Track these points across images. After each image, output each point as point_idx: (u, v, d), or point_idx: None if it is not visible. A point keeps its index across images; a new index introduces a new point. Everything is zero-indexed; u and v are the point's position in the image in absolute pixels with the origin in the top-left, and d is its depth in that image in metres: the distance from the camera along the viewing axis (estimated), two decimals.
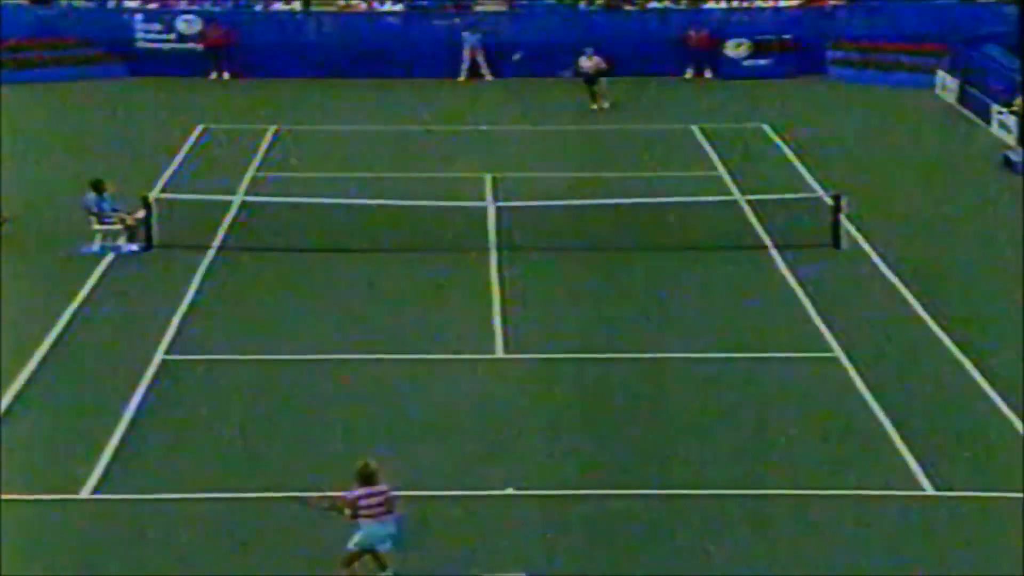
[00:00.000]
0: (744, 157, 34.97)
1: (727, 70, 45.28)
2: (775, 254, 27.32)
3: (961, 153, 36.13)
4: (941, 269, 26.87)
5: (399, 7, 47.56)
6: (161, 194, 30.00)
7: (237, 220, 29.11)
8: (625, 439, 19.84)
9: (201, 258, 27.00)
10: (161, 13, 46.48)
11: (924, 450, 19.19)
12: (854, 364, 22.09)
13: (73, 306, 24.62)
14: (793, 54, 45.47)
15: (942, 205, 31.13)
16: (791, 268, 26.49)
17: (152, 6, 46.98)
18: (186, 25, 45.86)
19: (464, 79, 45.29)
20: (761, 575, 16.41)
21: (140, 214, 27.74)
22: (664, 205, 29.42)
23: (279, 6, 47.58)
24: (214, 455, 19.37)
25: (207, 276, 26.25)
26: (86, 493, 18.16)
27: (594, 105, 40.37)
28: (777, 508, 17.92)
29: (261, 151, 35.66)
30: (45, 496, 18.10)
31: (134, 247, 27.54)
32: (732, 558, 16.71)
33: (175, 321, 23.91)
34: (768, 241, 28.01)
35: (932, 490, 18.27)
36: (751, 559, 16.70)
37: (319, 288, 25.82)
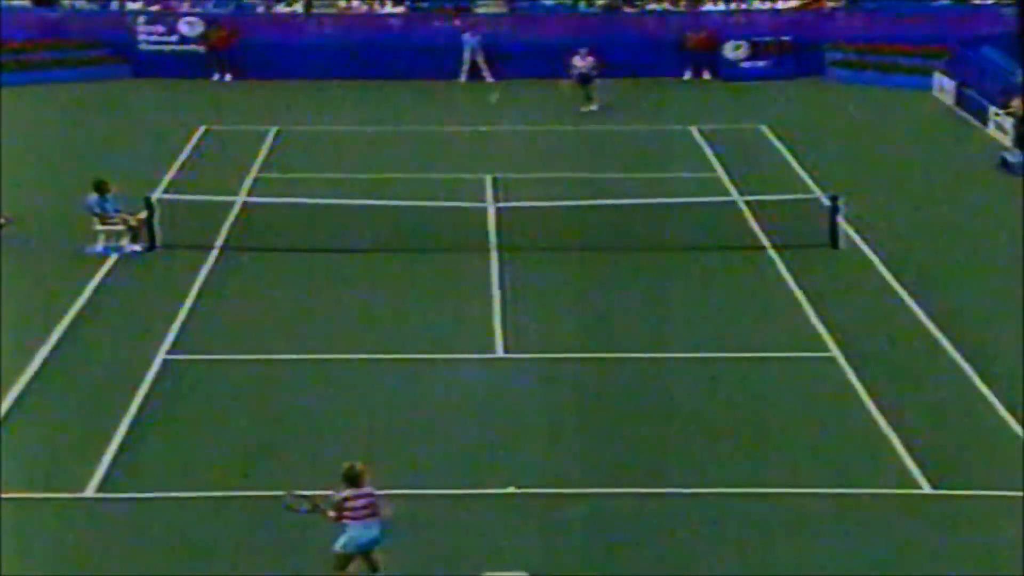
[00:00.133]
0: (742, 158, 34.95)
1: (726, 72, 45.25)
2: (773, 255, 27.32)
3: (958, 155, 36.10)
4: (938, 270, 26.88)
5: (400, 9, 47.57)
6: (163, 195, 29.99)
7: (239, 221, 29.10)
8: (624, 438, 19.86)
9: (203, 258, 27.00)
10: (164, 15, 46.49)
11: (921, 449, 19.20)
12: (851, 364, 22.10)
13: (76, 306, 24.63)
14: (791, 56, 45.42)
15: (939, 206, 31.13)
16: (789, 268, 26.49)
17: (155, 8, 47.01)
18: (189, 27, 45.87)
19: (464, 81, 45.32)
20: (759, 573, 16.43)
21: (143, 215, 27.75)
22: (663, 206, 29.42)
23: (281, 8, 47.59)
24: (216, 454, 19.38)
25: (209, 276, 26.26)
26: (90, 492, 18.18)
27: (592, 107, 40.32)
28: (775, 507, 17.92)
29: (263, 152, 35.66)
30: (49, 495, 18.12)
31: (137, 247, 27.55)
32: (730, 556, 16.74)
33: (177, 321, 23.93)
34: (766, 242, 28.01)
35: (929, 489, 18.28)
36: (749, 557, 16.72)
37: (321, 288, 25.82)
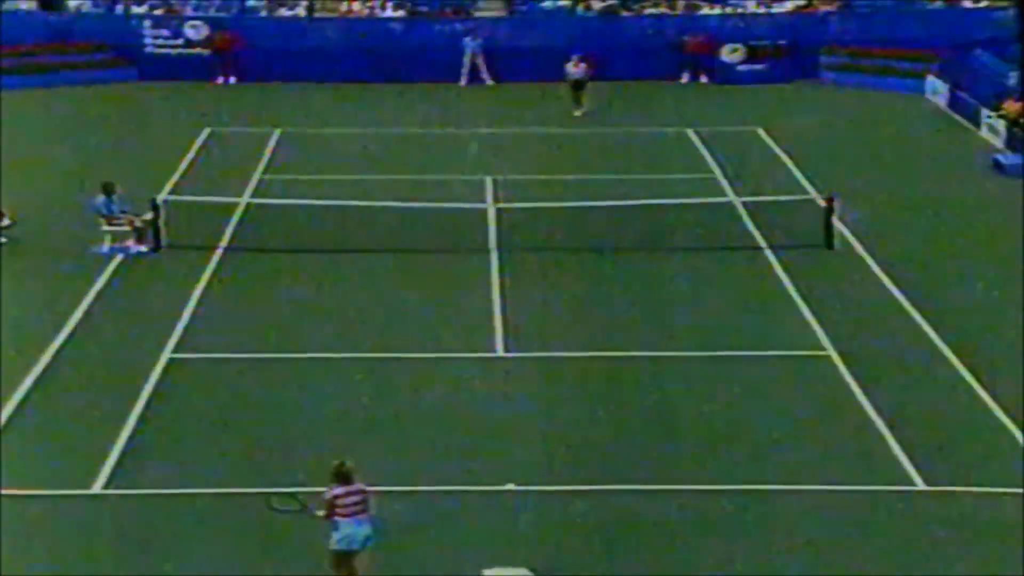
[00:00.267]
0: (739, 160, 34.97)
1: (722, 75, 45.27)
2: (769, 254, 27.34)
3: (951, 156, 36.12)
4: (931, 269, 26.89)
5: (401, 13, 47.58)
6: (169, 196, 30.03)
7: (243, 221, 29.13)
8: (623, 436, 19.86)
9: (208, 259, 27.01)
10: (169, 19, 46.51)
11: (915, 446, 19.20)
12: (846, 362, 22.11)
13: (83, 306, 24.65)
14: (787, 59, 45.45)
15: (932, 207, 31.13)
16: (785, 268, 26.50)
17: (160, 12, 47.03)
18: (194, 31, 45.89)
19: (464, 83, 45.33)
20: (756, 569, 16.44)
21: (148, 216, 27.78)
22: (660, 207, 29.42)
23: (284, 12, 47.60)
24: (220, 451, 19.38)
25: (213, 277, 26.27)
26: (97, 488, 18.20)
27: (576, 112, 40.19)
28: (771, 503, 17.94)
29: (266, 154, 35.68)
30: (57, 491, 18.14)
31: (142, 248, 27.56)
32: (727, 552, 16.73)
33: (182, 320, 23.94)
34: (762, 242, 28.03)
35: (923, 485, 18.28)
36: (746, 553, 16.72)
37: (323, 288, 25.83)
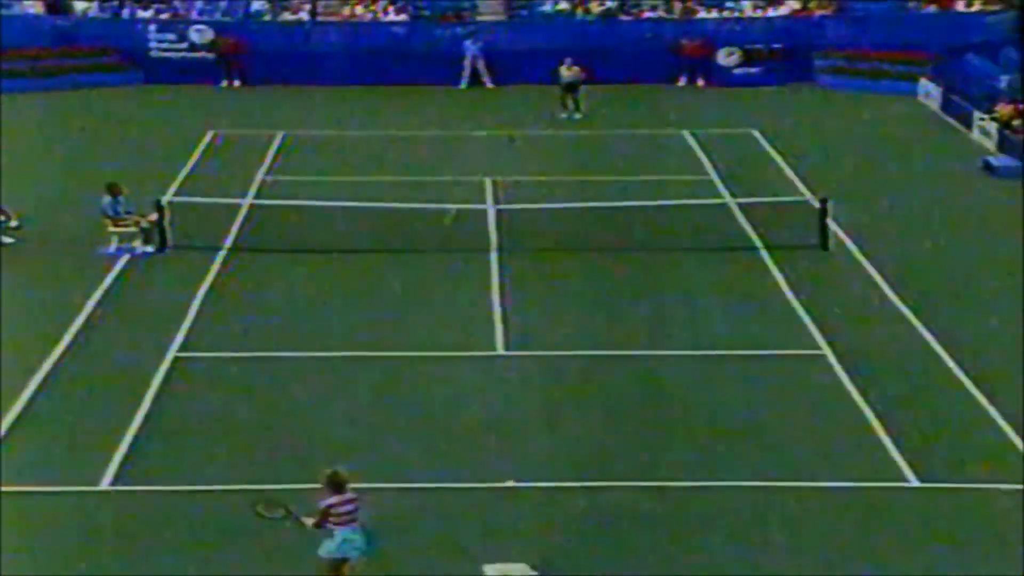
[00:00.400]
0: (735, 162, 34.97)
1: (719, 78, 45.30)
2: (765, 255, 27.34)
3: (943, 158, 36.12)
4: (924, 269, 26.89)
5: (403, 17, 47.58)
6: (174, 197, 30.02)
7: (247, 222, 29.13)
8: (622, 433, 19.86)
9: (212, 259, 27.02)
10: (174, 23, 46.52)
11: (908, 443, 19.22)
12: (840, 361, 22.11)
13: (89, 305, 24.65)
14: (783, 63, 45.48)
15: (925, 208, 31.14)
16: (780, 269, 26.51)
17: (166, 16, 47.03)
18: (198, 35, 45.90)
19: (465, 86, 45.33)
20: (752, 564, 16.44)
21: (154, 216, 27.77)
22: (658, 208, 29.42)
23: (287, 16, 47.61)
24: (225, 448, 19.38)
25: (218, 276, 26.27)
26: (104, 484, 18.20)
27: (564, 114, 40.05)
28: (767, 499, 17.92)
29: (270, 155, 35.68)
30: (65, 488, 18.15)
31: (148, 248, 27.56)
32: (724, 547, 16.74)
33: (187, 320, 23.94)
34: (758, 242, 28.03)
35: (916, 481, 18.30)
36: (742, 548, 16.73)
37: (326, 288, 25.83)
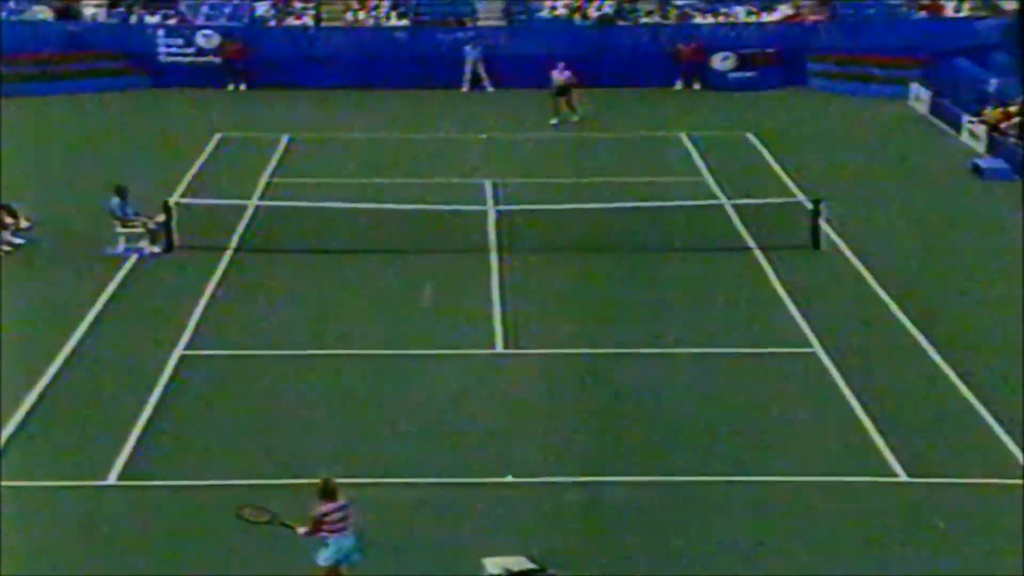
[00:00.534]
0: (729, 164, 34.97)
1: (714, 82, 45.26)
2: (758, 255, 27.36)
3: (932, 161, 36.09)
4: (913, 269, 26.90)
5: (405, 22, 47.58)
6: (181, 199, 30.04)
7: (252, 223, 29.15)
8: (619, 429, 19.89)
9: (218, 259, 27.04)
10: (181, 28, 46.53)
11: (897, 438, 19.25)
12: (831, 358, 22.14)
13: (98, 304, 24.68)
14: (776, 67, 45.41)
15: (915, 209, 31.16)
16: (773, 268, 26.54)
17: (173, 22, 47.05)
18: (205, 40, 45.89)
19: (466, 90, 45.34)
20: (743, 556, 16.48)
21: (161, 218, 27.79)
22: (654, 209, 29.43)
23: (292, 22, 47.62)
24: (229, 444, 19.44)
25: (224, 276, 26.29)
26: (112, 479, 18.25)
27: (554, 120, 39.92)
28: (759, 493, 17.98)
29: (275, 158, 35.69)
30: (74, 483, 18.21)
31: (155, 249, 27.58)
32: (716, 540, 16.80)
33: (193, 318, 23.97)
34: (751, 243, 28.04)
35: (905, 476, 18.34)
36: (734, 542, 16.77)
37: (329, 287, 25.85)
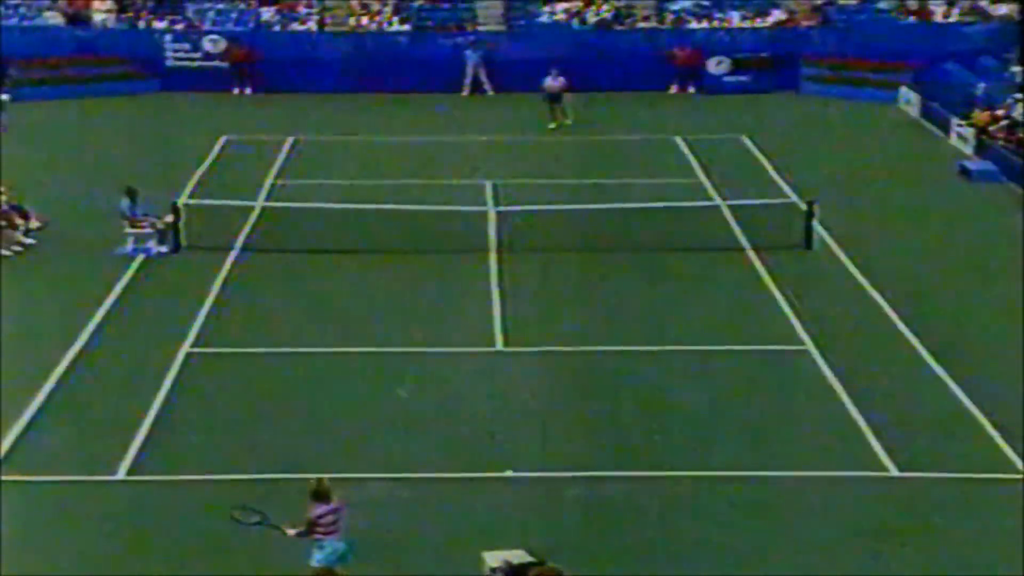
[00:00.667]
0: (724, 166, 34.98)
1: (709, 85, 45.28)
2: (752, 255, 27.37)
3: (922, 163, 36.13)
4: (904, 268, 26.92)
5: (406, 27, 47.58)
6: (189, 200, 30.05)
7: (258, 224, 29.15)
8: (616, 425, 19.90)
9: (225, 259, 27.06)
10: (189, 34, 46.54)
11: (888, 434, 19.25)
12: (824, 356, 22.15)
13: (107, 303, 24.69)
14: (770, 71, 45.43)
15: (905, 210, 31.17)
16: (766, 268, 26.55)
17: (180, 27, 47.06)
18: (212, 44, 45.91)
19: (467, 93, 45.33)
20: (737, 549, 16.48)
21: (169, 218, 27.82)
22: (650, 210, 29.42)
23: (296, 27, 47.63)
24: (235, 439, 19.45)
25: (230, 276, 26.30)
26: (121, 475, 18.26)
27: (552, 124, 39.88)
28: (754, 488, 17.98)
29: (280, 160, 35.69)
30: (83, 478, 18.22)
31: (163, 249, 27.60)
32: (712, 533, 16.79)
33: (200, 317, 23.98)
34: (745, 243, 28.06)
35: (896, 471, 18.34)
36: (729, 536, 16.77)
37: (333, 287, 25.86)
